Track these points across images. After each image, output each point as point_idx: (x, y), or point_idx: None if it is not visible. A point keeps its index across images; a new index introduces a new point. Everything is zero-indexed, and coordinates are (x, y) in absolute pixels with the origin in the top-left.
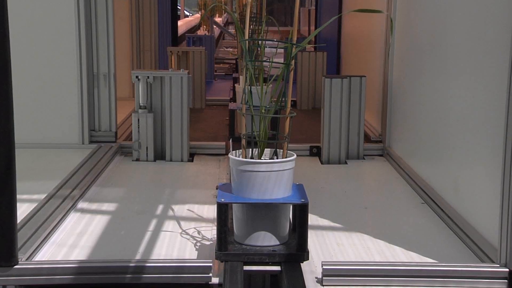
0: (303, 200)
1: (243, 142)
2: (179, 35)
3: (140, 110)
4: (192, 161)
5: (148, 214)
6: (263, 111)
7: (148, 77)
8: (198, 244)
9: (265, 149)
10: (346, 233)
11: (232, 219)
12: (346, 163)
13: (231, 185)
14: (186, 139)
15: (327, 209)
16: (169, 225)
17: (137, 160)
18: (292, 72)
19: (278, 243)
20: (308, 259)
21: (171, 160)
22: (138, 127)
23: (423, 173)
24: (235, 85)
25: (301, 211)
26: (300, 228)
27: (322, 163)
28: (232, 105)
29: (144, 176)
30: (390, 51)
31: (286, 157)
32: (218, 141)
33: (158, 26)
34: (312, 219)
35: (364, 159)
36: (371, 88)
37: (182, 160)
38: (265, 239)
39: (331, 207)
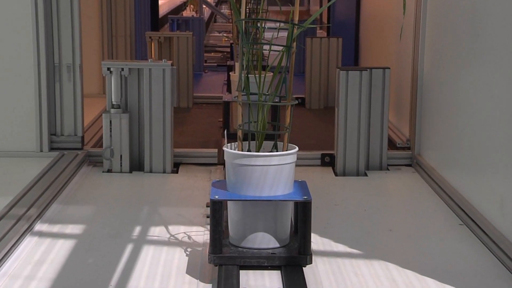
0: (305, 197)
1: (239, 133)
2: (160, 17)
3: (112, 110)
4: (176, 172)
5: (122, 238)
6: (261, 99)
7: (122, 69)
8: (185, 274)
9: (264, 141)
10: (367, 261)
11: (226, 221)
12: (366, 174)
13: (226, 181)
14: (169, 146)
15: (343, 231)
16: (149, 251)
17: (109, 171)
18: (293, 56)
19: (278, 245)
20: (311, 263)
21: (150, 172)
22: (110, 131)
23: (462, 187)
24: (230, 73)
25: (303, 210)
26: (302, 228)
27: (336, 174)
28: (227, 97)
29: (117, 191)
30: (420, 37)
31: (286, 150)
32: (209, 148)
33: (135, 6)
34: (325, 244)
35: (388, 170)
36: (397, 83)
37: (164, 172)
38: (263, 241)
39: (348, 229)
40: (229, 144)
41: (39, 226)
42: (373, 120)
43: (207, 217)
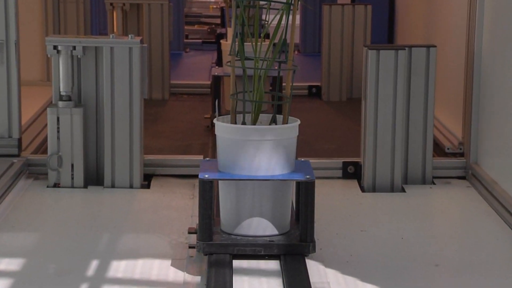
0: (308, 177)
1: (233, 104)
2: None
3: (61, 103)
4: (148, 187)
5: (74, 276)
6: (257, 65)
7: (74, 47)
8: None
9: (261, 114)
10: None
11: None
12: (403, 190)
13: (217, 161)
14: (138, 151)
15: (372, 267)
16: None
17: (56, 185)
18: (295, 15)
19: (276, 232)
20: (314, 252)
21: (113, 186)
22: (58, 131)
23: None
24: (221, 41)
25: (306, 191)
26: (304, 212)
27: (363, 190)
28: (216, 70)
29: (68, 213)
30: (478, 7)
31: (287, 123)
32: (192, 154)
33: None
34: (349, 283)
35: (434, 184)
36: (446, 67)
37: (131, 186)
38: (260, 227)
39: (380, 263)
40: (220, 117)
41: None
42: (413, 116)
43: (190, 247)
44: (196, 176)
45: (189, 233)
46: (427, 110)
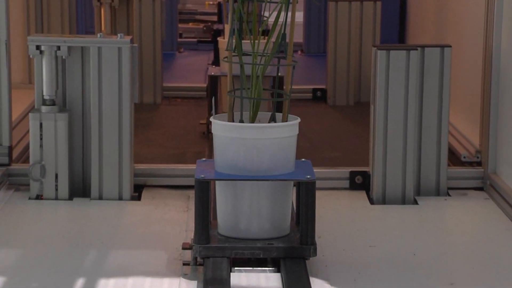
0: (308, 177)
1: (230, 101)
2: None
3: (44, 108)
4: (139, 199)
5: None
6: (255, 60)
7: (58, 47)
8: None
9: (260, 112)
10: None
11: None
12: (416, 202)
13: (214, 161)
14: (127, 160)
15: (382, 284)
16: None
17: (39, 197)
18: (294, 7)
19: (276, 235)
20: (315, 255)
21: (100, 198)
22: (41, 139)
23: None
24: (218, 39)
25: (306, 192)
26: (305, 214)
27: (372, 202)
28: (213, 70)
29: (51, 228)
30: (496, 4)
31: (286, 121)
32: (186, 163)
33: None
34: None
35: (449, 195)
36: (462, 68)
37: (120, 198)
38: (258, 230)
39: (390, 280)
40: (218, 115)
41: None
42: (427, 122)
43: (184, 264)
44: (191, 186)
45: (183, 248)
46: (442, 115)
